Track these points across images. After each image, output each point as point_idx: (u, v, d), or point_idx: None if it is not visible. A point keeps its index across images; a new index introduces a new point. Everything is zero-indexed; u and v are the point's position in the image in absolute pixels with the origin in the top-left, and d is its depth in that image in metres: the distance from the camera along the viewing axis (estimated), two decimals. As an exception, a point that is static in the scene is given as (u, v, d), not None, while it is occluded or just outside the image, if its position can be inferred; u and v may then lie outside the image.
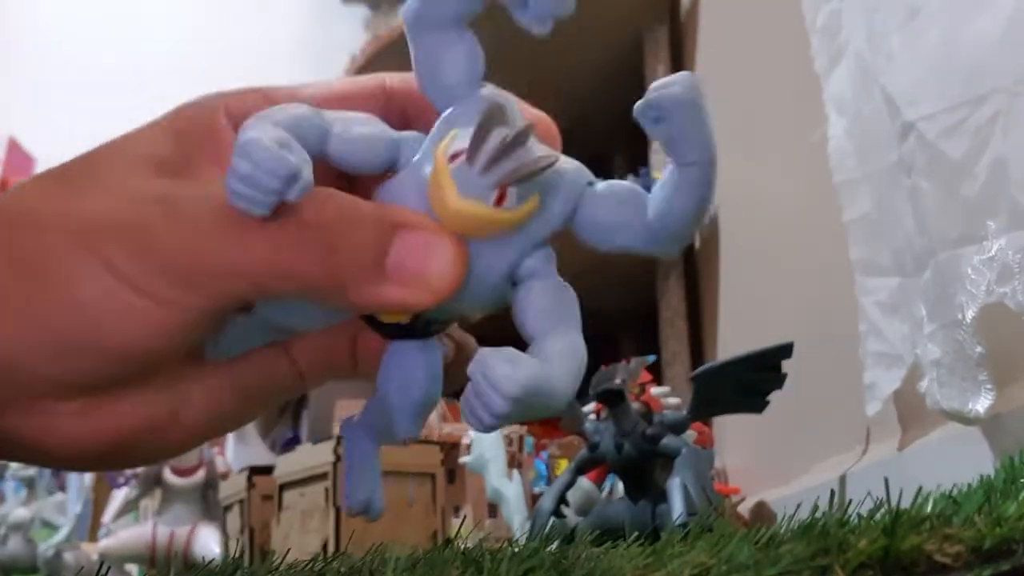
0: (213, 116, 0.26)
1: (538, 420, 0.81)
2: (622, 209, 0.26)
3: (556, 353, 0.25)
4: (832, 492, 0.33)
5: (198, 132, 0.26)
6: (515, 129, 0.24)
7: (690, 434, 0.71)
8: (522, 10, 0.26)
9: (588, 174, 0.27)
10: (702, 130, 0.25)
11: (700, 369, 0.67)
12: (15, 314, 0.23)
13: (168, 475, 1.28)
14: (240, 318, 0.27)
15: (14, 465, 1.53)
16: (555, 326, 0.25)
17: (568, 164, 0.27)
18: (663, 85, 0.25)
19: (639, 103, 0.25)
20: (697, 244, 1.56)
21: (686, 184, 0.25)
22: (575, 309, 0.26)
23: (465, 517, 0.96)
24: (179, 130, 0.26)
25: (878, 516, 0.28)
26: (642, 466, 0.68)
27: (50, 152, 2.21)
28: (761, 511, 0.95)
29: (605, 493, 0.91)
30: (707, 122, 0.25)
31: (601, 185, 0.27)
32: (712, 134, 0.25)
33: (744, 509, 0.99)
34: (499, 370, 0.23)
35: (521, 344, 0.26)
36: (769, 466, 1.14)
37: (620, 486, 0.78)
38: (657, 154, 1.58)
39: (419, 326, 0.26)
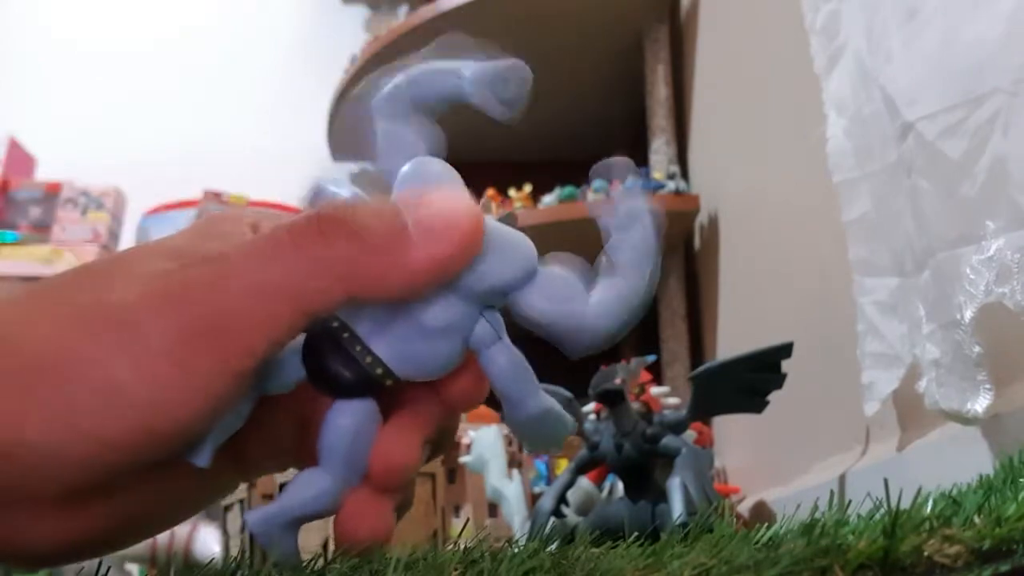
0: (235, 221, 0.27)
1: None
2: (566, 293, 0.27)
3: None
4: (831, 492, 0.33)
5: (218, 229, 0.27)
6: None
7: (690, 434, 0.71)
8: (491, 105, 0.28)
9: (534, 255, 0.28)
10: (646, 249, 0.27)
11: (700, 369, 0.67)
12: (45, 411, 0.23)
13: (168, 475, 1.28)
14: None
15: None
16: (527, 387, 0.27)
17: (519, 236, 0.27)
18: (626, 193, 0.28)
19: (606, 212, 0.27)
20: (697, 244, 1.56)
21: (615, 298, 0.27)
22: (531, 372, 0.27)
23: (468, 520, 0.95)
24: (198, 229, 0.27)
25: (878, 516, 0.28)
26: (642, 466, 0.68)
27: (50, 152, 2.20)
28: (761, 511, 0.95)
29: (605, 493, 0.91)
30: (653, 243, 0.27)
31: (551, 262, 0.28)
32: (653, 256, 0.27)
33: (744, 509, 0.99)
34: None
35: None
36: (769, 466, 1.14)
37: (620, 486, 0.78)
38: (656, 155, 1.58)
39: (375, 376, 0.26)
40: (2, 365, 0.23)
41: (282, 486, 1.14)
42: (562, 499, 0.69)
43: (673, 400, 0.88)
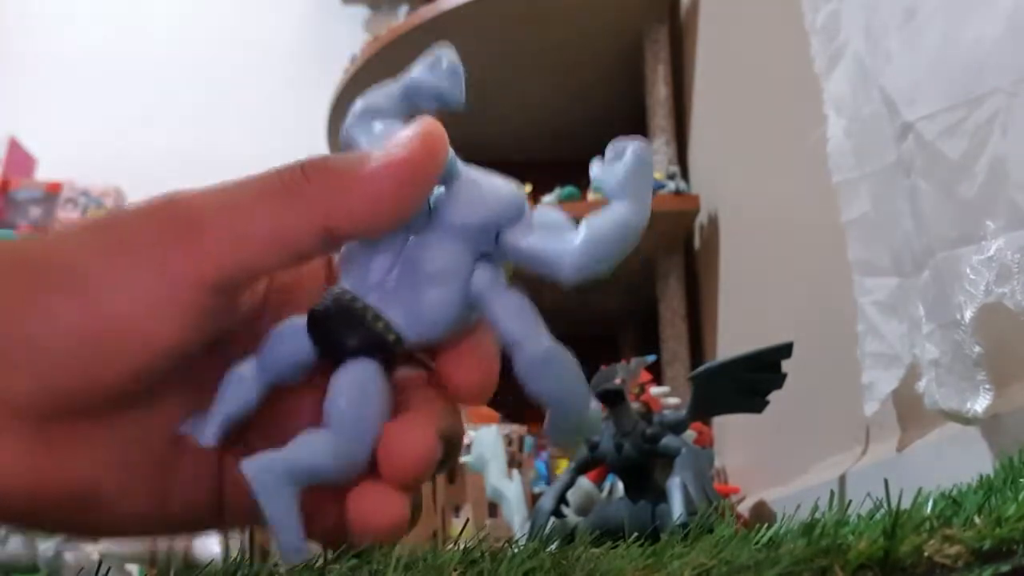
0: None
1: (539, 420, 0.80)
2: (556, 224, 0.27)
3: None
4: (831, 492, 0.33)
5: None
6: None
7: (690, 434, 0.71)
8: None
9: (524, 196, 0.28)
10: (647, 182, 0.27)
11: (699, 369, 0.67)
12: (48, 326, 0.24)
13: (168, 475, 1.28)
14: (238, 373, 0.27)
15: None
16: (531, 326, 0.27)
17: (504, 180, 0.28)
18: (623, 139, 0.28)
19: (596, 160, 0.28)
20: (697, 244, 1.56)
21: (617, 219, 0.27)
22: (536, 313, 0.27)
23: (468, 520, 0.95)
24: None
25: (878, 516, 0.28)
26: (642, 466, 0.68)
27: (50, 152, 2.20)
28: (761, 511, 0.95)
29: (605, 493, 0.91)
30: (651, 179, 0.27)
31: (535, 209, 0.28)
32: (650, 192, 0.27)
33: (744, 509, 0.99)
34: None
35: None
36: (769, 466, 1.14)
37: (620, 486, 0.78)
38: (656, 155, 1.58)
39: (385, 339, 0.26)
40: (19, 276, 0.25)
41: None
42: (562, 499, 0.69)
43: (673, 400, 0.88)
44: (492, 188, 0.27)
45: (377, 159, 0.26)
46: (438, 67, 0.29)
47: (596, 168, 0.27)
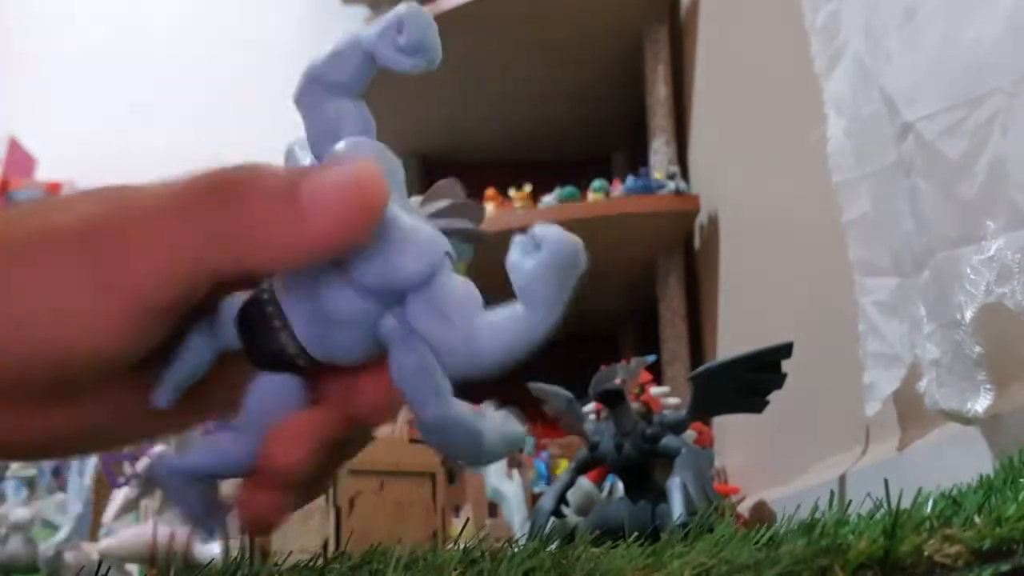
0: None
1: (539, 420, 0.81)
2: (457, 307, 0.25)
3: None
4: (832, 492, 0.33)
5: None
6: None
7: (690, 434, 0.71)
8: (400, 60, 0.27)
9: (447, 246, 0.26)
10: (562, 285, 0.25)
11: (699, 369, 0.67)
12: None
13: (168, 475, 1.28)
14: (190, 340, 0.27)
15: (15, 465, 1.53)
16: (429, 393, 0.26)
17: (426, 235, 0.26)
18: (541, 228, 0.25)
19: (517, 238, 0.25)
20: (697, 244, 1.56)
21: (519, 324, 0.25)
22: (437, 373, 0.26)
23: (468, 520, 0.96)
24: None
25: (878, 516, 0.28)
26: (642, 466, 0.68)
27: (50, 152, 2.19)
28: (761, 511, 0.95)
29: (605, 493, 0.91)
30: (569, 283, 0.25)
31: (449, 279, 0.26)
32: (565, 295, 0.25)
33: (744, 509, 0.99)
34: None
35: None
36: (769, 466, 1.14)
37: (620, 486, 0.78)
38: (656, 155, 1.58)
39: (288, 352, 0.26)
40: None
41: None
42: (562, 499, 0.69)
43: (673, 400, 0.88)
44: (406, 248, 0.25)
45: (311, 198, 0.24)
46: (399, 32, 0.26)
47: (514, 253, 0.25)
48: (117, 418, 0.28)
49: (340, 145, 0.27)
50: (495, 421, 0.26)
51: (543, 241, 0.24)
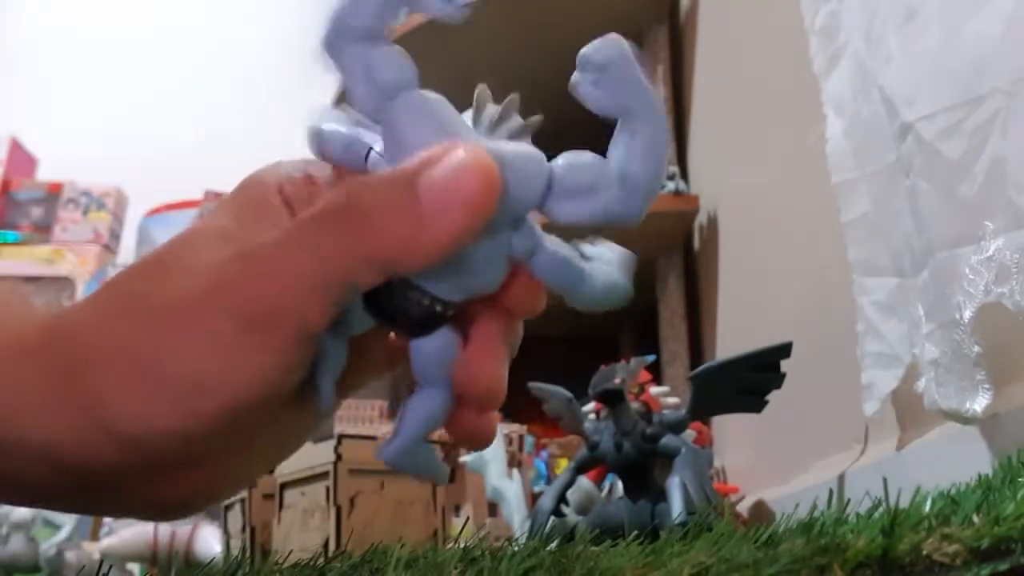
0: (267, 193, 0.29)
1: (539, 420, 0.81)
2: (590, 172, 0.27)
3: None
4: (831, 491, 0.33)
5: (255, 206, 0.29)
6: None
7: (689, 434, 0.71)
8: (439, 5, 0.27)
9: (545, 161, 0.28)
10: (640, 80, 0.26)
11: (699, 369, 0.67)
12: (117, 404, 0.25)
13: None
14: (325, 345, 0.28)
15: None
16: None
17: (523, 153, 0.27)
18: (590, 47, 0.26)
19: (574, 75, 0.27)
20: (697, 244, 1.56)
21: (640, 141, 0.26)
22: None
23: (468, 519, 0.96)
24: (239, 206, 0.29)
25: (876, 515, 0.28)
26: (641, 465, 0.68)
27: (51, 152, 2.19)
28: (760, 510, 0.95)
29: (605, 493, 0.91)
30: (642, 74, 0.26)
31: (563, 158, 0.27)
32: (650, 87, 0.26)
33: (743, 508, 0.99)
34: None
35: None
36: (768, 465, 1.14)
37: (620, 486, 0.78)
38: (657, 154, 1.58)
39: (437, 312, 0.27)
40: (69, 361, 0.26)
41: (283, 486, 1.15)
42: (562, 498, 0.69)
43: (673, 400, 0.88)
44: (517, 175, 0.26)
45: (429, 196, 0.25)
46: None
47: (587, 89, 0.27)
48: (284, 437, 0.29)
49: (398, 113, 0.27)
50: (611, 253, 0.29)
51: (606, 63, 0.26)
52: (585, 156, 0.27)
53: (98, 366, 0.25)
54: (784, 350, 0.64)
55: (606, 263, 0.29)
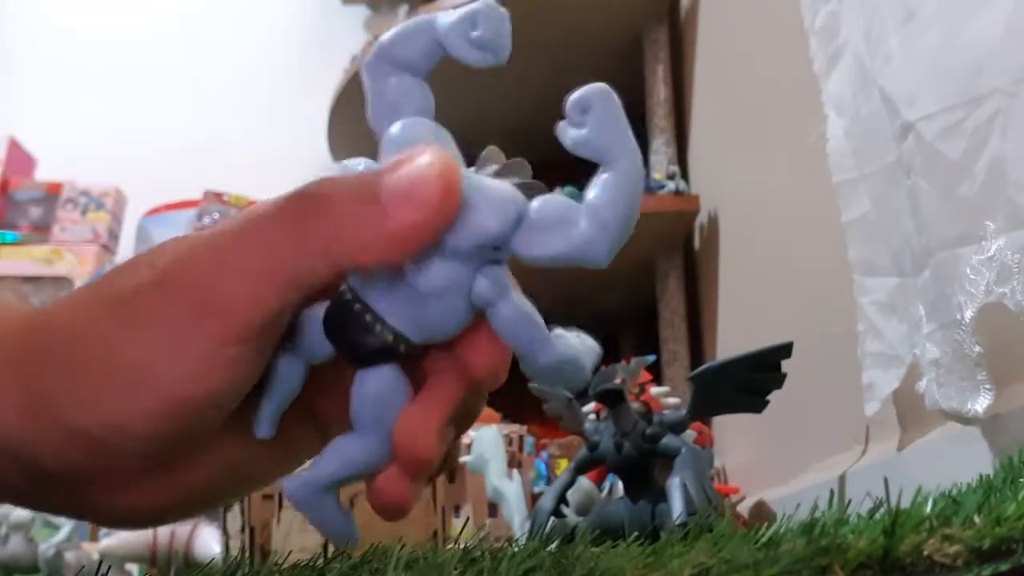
0: None
1: (539, 420, 0.81)
2: (561, 209, 0.26)
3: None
4: (831, 492, 0.33)
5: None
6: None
7: (689, 434, 0.71)
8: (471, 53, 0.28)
9: (522, 197, 0.27)
10: (623, 128, 0.26)
11: (699, 369, 0.67)
12: (80, 393, 0.25)
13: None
14: (277, 366, 0.28)
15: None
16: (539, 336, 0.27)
17: (498, 187, 0.27)
18: (576, 92, 0.27)
19: (561, 123, 0.27)
20: (697, 244, 1.56)
21: (615, 184, 0.26)
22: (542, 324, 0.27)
23: (468, 519, 0.96)
24: None
25: (877, 516, 0.28)
26: (642, 466, 0.68)
27: (50, 152, 2.20)
28: (761, 511, 0.95)
29: (605, 493, 0.91)
30: (625, 120, 0.26)
31: (539, 199, 0.27)
32: (631, 134, 0.26)
33: (744, 509, 0.99)
34: None
35: None
36: (768, 466, 1.14)
37: (620, 486, 0.78)
38: (656, 155, 1.58)
39: (388, 343, 0.27)
40: (53, 355, 0.26)
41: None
42: (562, 499, 0.69)
43: (673, 400, 0.88)
44: (487, 203, 0.26)
45: (390, 192, 0.25)
46: (474, 27, 0.28)
47: (568, 132, 0.27)
48: (227, 470, 0.28)
49: (395, 128, 0.27)
50: (578, 340, 0.28)
51: (589, 98, 0.27)
52: (559, 196, 0.27)
53: (54, 358, 0.26)
54: (785, 350, 0.63)
55: (573, 340, 0.28)
